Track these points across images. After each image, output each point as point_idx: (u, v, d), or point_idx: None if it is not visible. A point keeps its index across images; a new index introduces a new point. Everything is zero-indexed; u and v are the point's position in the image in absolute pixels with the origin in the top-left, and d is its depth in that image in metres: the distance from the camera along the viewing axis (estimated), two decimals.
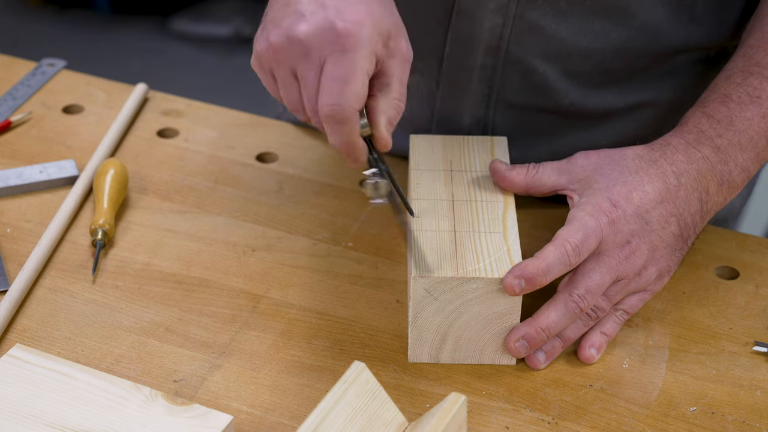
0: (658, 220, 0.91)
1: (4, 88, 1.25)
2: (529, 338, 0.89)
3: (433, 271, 0.87)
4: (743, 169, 0.95)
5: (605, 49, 1.03)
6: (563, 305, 0.89)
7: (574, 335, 0.91)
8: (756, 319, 0.97)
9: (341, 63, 0.80)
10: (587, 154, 0.95)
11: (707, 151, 0.94)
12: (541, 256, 0.87)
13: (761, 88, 0.96)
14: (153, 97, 1.25)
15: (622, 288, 0.91)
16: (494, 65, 1.04)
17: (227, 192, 1.11)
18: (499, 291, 0.87)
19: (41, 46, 3.00)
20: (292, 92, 0.84)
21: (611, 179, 0.92)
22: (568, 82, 1.05)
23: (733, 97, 0.96)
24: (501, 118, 1.08)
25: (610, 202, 0.91)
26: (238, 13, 3.22)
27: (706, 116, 0.96)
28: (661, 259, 0.93)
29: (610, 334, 0.92)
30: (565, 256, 0.87)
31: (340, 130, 0.82)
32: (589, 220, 0.89)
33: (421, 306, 0.89)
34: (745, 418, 0.88)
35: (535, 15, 1.01)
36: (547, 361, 0.91)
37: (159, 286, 0.99)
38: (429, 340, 0.91)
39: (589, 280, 0.89)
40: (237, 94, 2.87)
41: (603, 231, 0.89)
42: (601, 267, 0.90)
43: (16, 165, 1.13)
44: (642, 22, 1.01)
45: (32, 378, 0.84)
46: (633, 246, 0.90)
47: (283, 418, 0.87)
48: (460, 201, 0.95)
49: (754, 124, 0.95)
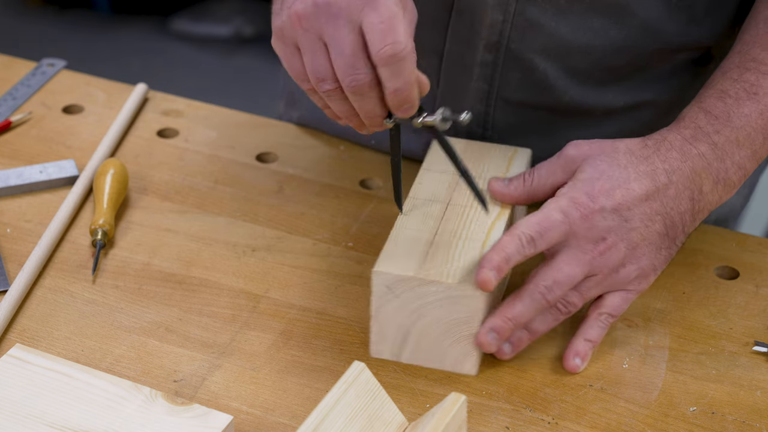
0: (641, 218, 0.90)
1: (4, 88, 1.25)
2: (497, 329, 0.88)
3: (394, 268, 0.87)
4: (740, 167, 0.94)
5: (605, 47, 1.03)
6: (529, 296, 0.88)
7: (543, 328, 0.90)
8: (756, 319, 0.97)
9: (380, 10, 0.81)
10: (578, 144, 0.94)
11: (704, 148, 0.93)
12: (500, 245, 0.87)
13: (758, 84, 0.95)
14: (153, 97, 1.25)
15: (595, 284, 0.90)
16: (494, 62, 1.05)
17: (227, 192, 1.11)
18: (460, 298, 0.86)
19: (41, 46, 3.00)
20: (320, 58, 0.84)
21: (597, 171, 0.91)
22: (568, 79, 1.05)
23: (730, 93, 0.95)
24: (501, 115, 1.08)
25: (588, 196, 0.89)
26: (238, 13, 3.22)
27: (703, 112, 0.95)
28: (642, 257, 0.91)
29: (594, 340, 0.92)
30: (520, 246, 0.87)
31: (403, 68, 0.82)
32: (556, 214, 0.88)
33: (381, 302, 0.89)
34: (745, 418, 0.88)
35: (535, 12, 1.01)
36: (513, 352, 0.91)
37: (159, 286, 0.99)
38: (390, 337, 0.91)
39: (557, 272, 0.88)
40: (237, 94, 2.87)
41: (572, 225, 0.88)
42: (572, 260, 0.88)
43: (16, 165, 1.13)
44: (641, 20, 1.01)
45: (32, 378, 0.84)
46: (609, 242, 0.89)
47: (283, 418, 0.87)
48: (455, 205, 0.94)
49: (751, 120, 0.94)
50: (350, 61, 0.82)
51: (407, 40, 0.82)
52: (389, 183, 1.12)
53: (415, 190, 0.96)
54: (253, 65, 3.05)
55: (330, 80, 0.84)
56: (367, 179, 1.13)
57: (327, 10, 0.82)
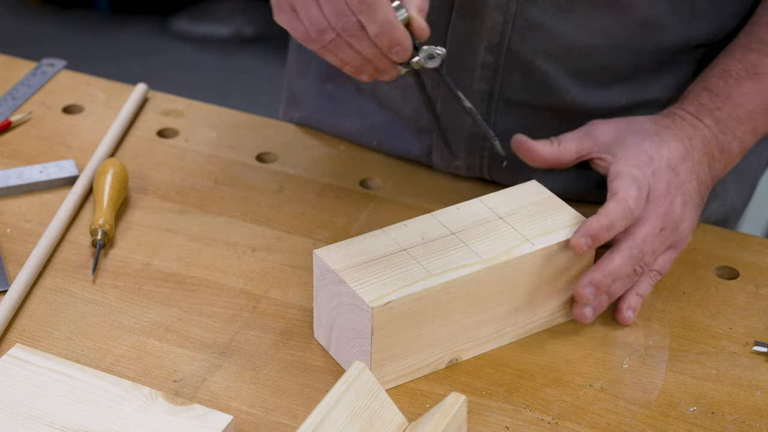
0: (686, 174, 0.96)
1: (4, 88, 1.25)
2: (595, 283, 0.91)
3: (329, 257, 0.88)
4: (741, 141, 0.99)
5: (606, 46, 1.03)
6: (627, 251, 0.91)
7: (619, 291, 0.93)
8: (756, 319, 0.97)
9: None
10: (604, 121, 0.99)
11: (708, 121, 0.98)
12: (603, 212, 0.90)
13: (760, 64, 0.99)
14: (153, 97, 1.25)
15: (663, 240, 0.94)
16: (495, 63, 1.05)
17: (227, 192, 1.11)
18: (359, 309, 0.86)
19: (41, 46, 3.00)
20: (312, 10, 0.86)
21: (639, 137, 0.96)
22: (569, 79, 1.05)
23: (732, 73, 0.99)
24: (503, 116, 1.08)
25: (646, 155, 0.94)
26: (238, 13, 3.22)
27: (705, 90, 0.99)
28: (691, 213, 0.96)
29: (644, 294, 0.95)
30: (627, 210, 0.91)
31: (376, 13, 0.84)
32: (636, 171, 0.93)
33: (318, 286, 0.90)
34: (745, 418, 0.88)
35: (535, 12, 1.01)
36: (594, 316, 0.93)
37: (159, 286, 0.99)
38: (324, 325, 0.91)
39: (643, 227, 0.92)
40: (237, 94, 2.87)
41: (649, 180, 0.93)
42: (651, 215, 0.92)
43: (16, 165, 1.13)
44: (642, 17, 1.01)
45: (32, 378, 0.84)
46: (672, 195, 0.94)
47: (283, 418, 0.87)
48: (454, 234, 0.91)
49: (751, 98, 0.98)
50: (336, 6, 0.85)
51: None
52: (389, 183, 1.12)
53: (445, 213, 0.94)
54: (253, 65, 3.05)
55: (329, 29, 0.87)
56: (367, 179, 1.13)
57: None
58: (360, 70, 0.90)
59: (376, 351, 0.86)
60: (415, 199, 1.10)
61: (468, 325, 0.90)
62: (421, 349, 0.89)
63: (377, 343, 0.86)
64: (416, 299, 0.86)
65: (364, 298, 0.84)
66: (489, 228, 0.92)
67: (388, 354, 0.87)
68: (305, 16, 0.87)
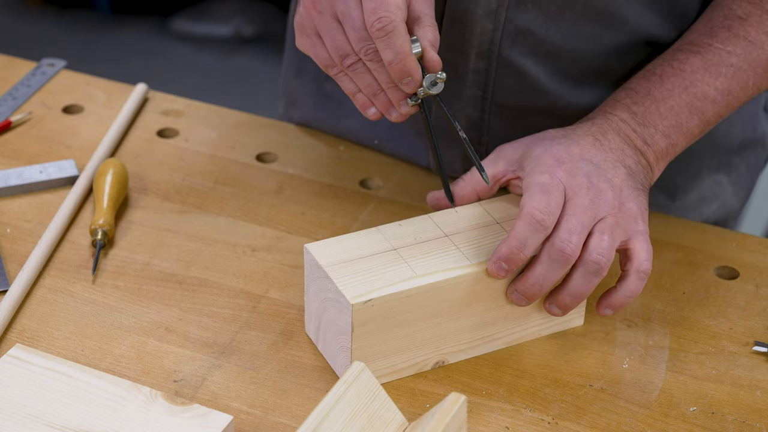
0: (606, 164, 0.91)
1: (4, 88, 1.25)
2: (520, 291, 0.88)
3: (318, 252, 0.88)
4: (665, 135, 0.95)
5: (597, 52, 1.03)
6: (546, 255, 0.87)
7: (585, 288, 0.88)
8: (756, 319, 0.97)
9: None
10: (510, 143, 0.96)
11: (623, 114, 0.95)
12: (512, 233, 0.87)
13: (686, 62, 0.97)
14: (153, 97, 1.25)
15: (613, 225, 0.88)
16: (487, 69, 1.05)
17: (227, 192, 1.11)
18: (343, 307, 0.86)
19: (41, 46, 3.00)
20: (337, 35, 0.89)
21: (546, 144, 0.93)
22: (562, 83, 1.05)
23: (656, 71, 0.98)
24: (496, 121, 1.08)
25: (554, 158, 0.90)
26: (238, 13, 3.22)
27: (625, 89, 0.98)
28: (631, 196, 0.91)
29: (631, 294, 0.90)
30: (534, 223, 0.86)
31: (393, 41, 0.86)
32: (544, 177, 0.89)
33: (308, 280, 0.90)
34: (745, 418, 0.88)
35: (525, 19, 1.01)
36: (565, 313, 0.90)
37: (159, 286, 0.99)
38: (312, 320, 0.92)
39: (566, 224, 0.87)
40: (237, 94, 2.87)
41: (563, 180, 0.89)
42: (575, 210, 0.88)
43: (16, 165, 1.13)
44: (633, 26, 1.01)
45: (32, 378, 0.84)
46: (596, 184, 0.89)
47: (283, 418, 0.87)
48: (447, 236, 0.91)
49: (674, 94, 0.96)
50: (359, 33, 0.87)
51: (396, 12, 0.86)
52: (389, 183, 1.12)
53: (442, 215, 0.94)
54: (253, 65, 3.05)
55: (351, 54, 0.89)
56: (367, 179, 1.13)
57: None
58: (369, 103, 0.92)
59: (357, 348, 0.86)
60: (415, 199, 1.10)
61: (455, 328, 0.90)
62: (404, 349, 0.89)
63: (358, 340, 0.86)
64: (400, 299, 0.86)
65: (346, 295, 0.85)
66: (484, 232, 0.92)
67: (369, 352, 0.87)
68: (330, 40, 0.90)
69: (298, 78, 1.22)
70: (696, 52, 0.97)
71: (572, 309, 0.90)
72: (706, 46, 0.97)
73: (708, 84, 0.96)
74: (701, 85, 0.96)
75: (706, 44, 0.97)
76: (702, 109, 0.96)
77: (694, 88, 0.96)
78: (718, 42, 0.97)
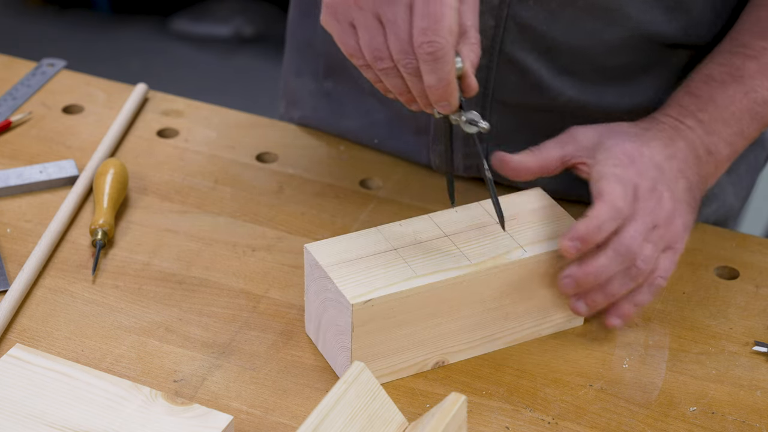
0: (671, 172, 0.94)
1: (4, 88, 1.25)
2: (576, 278, 0.89)
3: (318, 252, 0.88)
4: (728, 143, 0.97)
5: (599, 48, 1.03)
6: (612, 250, 0.89)
7: (619, 290, 0.90)
8: (756, 319, 0.97)
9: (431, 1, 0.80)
10: (584, 127, 0.96)
11: (691, 122, 0.97)
12: (591, 214, 0.88)
13: (744, 67, 0.98)
14: (153, 97, 1.25)
15: (660, 236, 0.91)
16: (488, 66, 1.04)
17: (227, 192, 1.11)
18: (343, 307, 0.85)
19: (41, 46, 3.00)
20: (377, 37, 0.84)
21: (620, 138, 0.94)
22: (564, 80, 1.05)
23: (715, 77, 0.98)
24: (498, 118, 1.08)
25: (628, 155, 0.92)
26: (238, 13, 3.22)
27: (688, 95, 0.98)
28: (682, 211, 0.93)
29: (641, 303, 0.92)
30: (615, 209, 0.89)
31: (439, 67, 0.82)
32: (619, 170, 0.91)
33: (308, 280, 0.90)
34: (745, 418, 0.88)
35: (527, 15, 1.01)
36: (588, 312, 0.91)
37: (159, 286, 0.99)
38: (312, 320, 0.92)
39: (631, 226, 0.89)
40: (237, 94, 2.87)
41: (633, 179, 0.91)
42: (639, 213, 0.90)
43: (16, 165, 1.13)
44: (636, 22, 1.01)
45: (32, 378, 0.84)
46: (659, 191, 0.92)
47: (283, 418, 0.87)
48: (447, 236, 0.91)
49: (736, 100, 0.97)
50: (402, 46, 0.83)
51: (448, 38, 0.81)
52: (389, 183, 1.12)
53: (442, 215, 0.94)
54: (253, 65, 3.05)
55: (387, 59, 0.84)
56: (367, 179, 1.13)
57: None
58: (394, 95, 0.89)
59: (357, 348, 0.86)
60: (415, 199, 1.10)
61: (455, 328, 0.90)
62: (404, 349, 0.89)
63: (358, 340, 0.86)
64: (400, 299, 0.86)
65: (346, 295, 0.85)
66: (484, 232, 0.92)
67: (369, 352, 0.87)
68: (366, 38, 0.84)
69: (298, 78, 1.22)
70: (752, 56, 0.98)
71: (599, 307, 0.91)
72: (761, 49, 0.98)
73: (766, 88, 0.98)
74: (760, 90, 0.98)
75: (761, 47, 0.99)
76: (761, 114, 0.98)
77: (754, 93, 0.98)
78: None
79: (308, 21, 1.19)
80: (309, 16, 1.19)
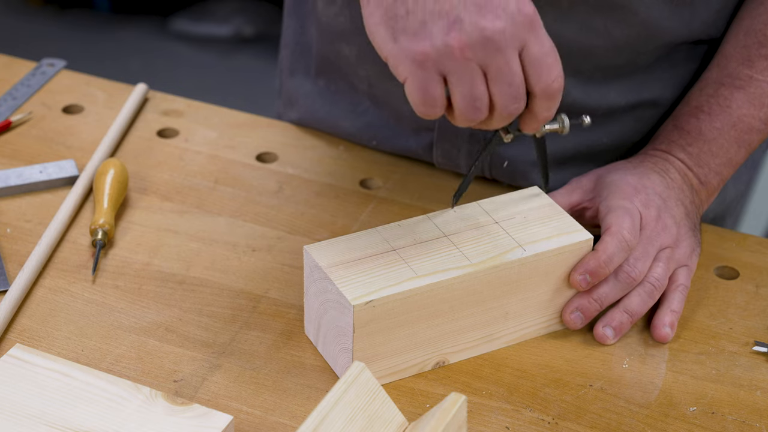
0: (671, 200, 0.98)
1: (4, 88, 1.25)
2: (582, 308, 0.93)
3: (318, 253, 0.88)
4: (717, 173, 1.02)
5: (607, 46, 1.03)
6: (614, 276, 0.93)
7: (640, 308, 0.94)
8: (756, 319, 0.97)
9: (541, 40, 0.81)
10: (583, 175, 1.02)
11: (681, 155, 1.02)
12: (600, 248, 0.92)
13: (731, 98, 1.01)
14: (153, 97, 1.25)
15: (669, 256, 0.95)
16: None
17: (227, 192, 1.11)
18: (343, 306, 0.86)
19: (41, 46, 3.00)
20: (480, 87, 0.80)
21: (620, 173, 0.99)
22: (571, 80, 1.05)
23: (703, 109, 1.02)
24: None
25: (632, 187, 0.97)
26: (238, 13, 3.22)
27: (676, 129, 1.03)
28: (687, 235, 0.98)
29: (677, 310, 0.95)
30: (623, 242, 0.92)
31: (558, 100, 0.84)
32: (625, 203, 0.95)
33: (308, 281, 0.90)
34: (745, 418, 0.88)
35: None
36: (616, 337, 0.94)
37: (159, 286, 0.99)
38: (312, 320, 0.92)
39: (636, 251, 0.94)
40: (237, 94, 2.87)
41: (639, 209, 0.95)
42: (644, 239, 0.94)
43: (16, 165, 1.13)
44: (643, 19, 1.02)
45: (32, 378, 0.84)
46: (663, 219, 0.96)
47: (283, 418, 0.87)
48: (447, 236, 0.91)
49: (724, 132, 1.01)
50: (518, 92, 0.81)
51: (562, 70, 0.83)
52: (389, 183, 1.12)
53: (439, 216, 0.94)
54: (253, 65, 3.05)
55: (485, 108, 0.82)
56: (367, 179, 1.13)
57: (496, 41, 0.78)
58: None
59: (358, 349, 0.86)
60: (415, 199, 1.10)
61: (455, 328, 0.90)
62: (405, 349, 0.89)
63: (359, 341, 0.86)
64: (400, 299, 0.86)
65: (347, 296, 0.85)
66: (483, 232, 0.92)
67: (370, 353, 0.87)
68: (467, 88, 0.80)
69: (292, 78, 1.22)
70: (739, 87, 1.02)
71: (625, 330, 0.94)
72: (747, 78, 1.01)
73: (753, 117, 1.01)
74: (747, 119, 1.01)
75: (747, 76, 1.01)
76: (748, 141, 1.02)
77: (741, 123, 1.01)
78: (758, 73, 1.01)
79: (297, 20, 1.19)
80: (298, 14, 1.19)
